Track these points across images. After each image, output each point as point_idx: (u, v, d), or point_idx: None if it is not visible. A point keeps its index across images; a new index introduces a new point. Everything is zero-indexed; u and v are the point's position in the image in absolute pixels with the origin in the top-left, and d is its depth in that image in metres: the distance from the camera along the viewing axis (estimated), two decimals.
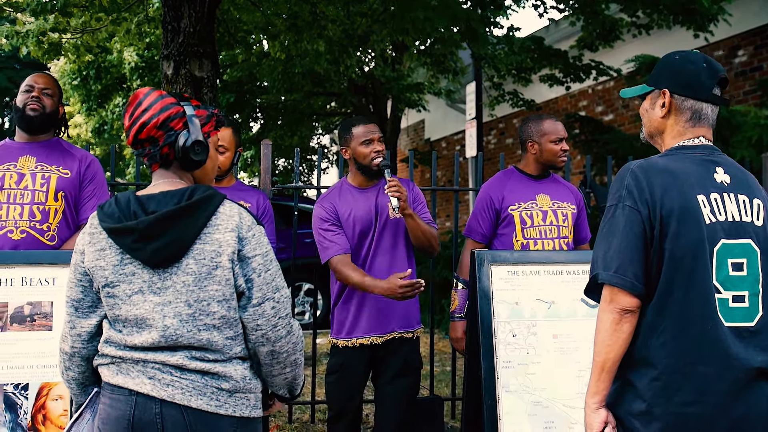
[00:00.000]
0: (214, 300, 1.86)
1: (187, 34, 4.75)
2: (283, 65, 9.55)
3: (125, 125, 1.94)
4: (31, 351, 2.71)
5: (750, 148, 5.93)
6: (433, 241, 3.19)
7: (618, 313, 1.85)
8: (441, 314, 8.61)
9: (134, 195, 1.91)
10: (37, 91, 3.12)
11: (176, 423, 1.82)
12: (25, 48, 7.37)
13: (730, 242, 1.86)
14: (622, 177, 1.93)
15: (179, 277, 1.85)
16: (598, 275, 1.89)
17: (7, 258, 2.79)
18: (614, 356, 1.86)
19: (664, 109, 2.03)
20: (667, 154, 2.00)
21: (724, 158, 2.00)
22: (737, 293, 1.85)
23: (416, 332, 3.27)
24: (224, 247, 1.85)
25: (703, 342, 1.81)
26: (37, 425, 2.66)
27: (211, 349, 1.87)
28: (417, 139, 15.91)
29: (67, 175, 3.12)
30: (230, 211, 1.89)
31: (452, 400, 4.83)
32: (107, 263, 1.87)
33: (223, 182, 3.29)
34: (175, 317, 1.84)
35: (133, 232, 1.83)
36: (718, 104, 2.02)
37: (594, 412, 1.90)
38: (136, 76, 11.14)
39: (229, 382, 1.87)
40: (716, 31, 7.17)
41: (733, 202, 1.91)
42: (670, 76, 2.04)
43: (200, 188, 1.90)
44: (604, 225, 1.93)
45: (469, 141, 9.55)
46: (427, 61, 9.01)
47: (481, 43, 7.17)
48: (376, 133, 3.20)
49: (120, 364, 1.88)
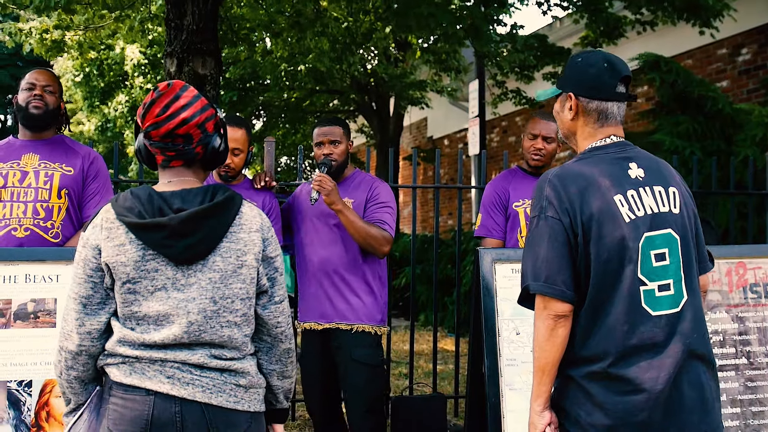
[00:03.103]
0: (238, 297, 1.90)
1: (190, 31, 4.76)
2: (286, 63, 9.55)
3: (153, 115, 1.88)
4: (35, 348, 2.71)
5: (754, 146, 5.92)
6: (370, 240, 3.17)
7: (552, 319, 1.92)
8: (444, 312, 8.61)
9: (155, 190, 1.91)
10: (39, 88, 3.11)
11: (196, 421, 1.83)
12: (28, 45, 7.37)
13: (651, 234, 1.93)
14: (541, 188, 2.01)
15: (205, 274, 1.87)
16: (529, 286, 1.96)
17: (10, 255, 2.79)
18: (552, 359, 1.94)
19: (572, 112, 2.09)
20: (582, 157, 2.06)
21: (636, 152, 2.06)
22: (662, 282, 1.93)
23: (365, 327, 3.23)
24: (250, 247, 1.92)
25: (634, 335, 1.89)
26: (41, 422, 2.67)
27: (229, 347, 1.90)
28: (419, 137, 15.90)
29: (71, 172, 3.12)
30: (252, 212, 1.97)
31: (455, 397, 4.83)
32: (128, 259, 1.84)
33: (233, 182, 3.32)
34: (200, 313, 1.86)
35: (164, 228, 1.83)
36: (624, 101, 2.08)
37: (538, 414, 1.98)
38: (139, 74, 11.15)
39: (246, 378, 1.92)
40: (720, 29, 7.15)
41: (650, 195, 1.97)
42: (574, 79, 2.09)
43: (221, 188, 1.94)
44: (530, 236, 2.00)
45: (471, 139, 9.54)
46: (430, 59, 9.00)
47: (484, 40, 7.16)
48: (327, 136, 3.29)
49: (133, 364, 1.86)
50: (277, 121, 12.43)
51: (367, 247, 3.20)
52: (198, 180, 1.98)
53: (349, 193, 3.30)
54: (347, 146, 3.35)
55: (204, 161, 1.98)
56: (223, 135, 2.01)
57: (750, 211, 4.94)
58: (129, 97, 12.05)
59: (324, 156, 3.28)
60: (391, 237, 3.24)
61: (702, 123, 6.31)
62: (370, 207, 3.28)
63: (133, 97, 11.82)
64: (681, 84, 6.42)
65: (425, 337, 7.97)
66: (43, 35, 7.27)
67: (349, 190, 3.32)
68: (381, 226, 3.22)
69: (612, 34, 8.06)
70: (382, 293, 3.32)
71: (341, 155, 3.30)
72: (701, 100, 6.37)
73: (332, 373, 3.30)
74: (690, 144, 6.04)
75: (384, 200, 3.30)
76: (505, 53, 8.80)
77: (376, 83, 11.06)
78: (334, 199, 3.11)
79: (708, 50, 8.56)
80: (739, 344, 3.13)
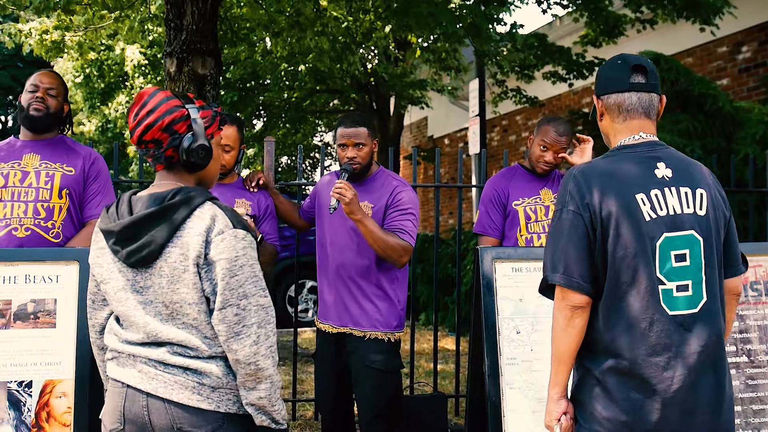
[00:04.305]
0: (185, 302, 1.87)
1: (190, 31, 4.75)
2: (286, 62, 9.54)
3: (129, 124, 1.97)
4: (35, 348, 2.71)
5: (754, 144, 5.91)
6: (389, 251, 3.07)
7: (569, 310, 1.98)
8: (444, 311, 8.61)
9: (130, 196, 1.96)
10: (41, 91, 3.12)
11: (161, 416, 1.86)
12: (28, 46, 7.37)
13: (672, 235, 1.96)
14: (566, 182, 2.05)
15: (155, 278, 1.89)
16: (548, 277, 2.02)
17: (10, 255, 2.79)
18: (568, 349, 2.00)
19: (600, 114, 2.15)
20: (609, 155, 2.09)
21: (667, 152, 2.07)
22: (681, 283, 1.95)
23: (377, 334, 3.17)
24: (190, 251, 1.84)
25: (651, 332, 1.92)
26: (41, 423, 2.67)
27: (189, 347, 1.89)
28: (420, 137, 15.90)
29: (72, 172, 3.12)
30: (204, 214, 1.86)
31: (456, 397, 4.83)
32: (103, 261, 1.97)
33: (226, 180, 3.29)
34: (156, 316, 1.90)
35: (112, 234, 1.90)
36: (642, 90, 2.07)
37: (555, 402, 2.05)
38: (139, 74, 11.15)
39: (210, 378, 1.88)
40: (720, 26, 7.14)
41: (675, 195, 1.99)
42: (597, 84, 2.17)
43: (184, 190, 1.89)
44: (551, 229, 2.05)
45: (472, 138, 9.53)
46: (430, 58, 8.99)
47: (484, 39, 7.15)
48: (351, 138, 3.16)
49: (119, 358, 1.96)
50: (277, 120, 12.41)
51: (386, 257, 3.10)
52: (182, 183, 1.95)
53: (370, 195, 3.20)
54: (372, 147, 3.22)
55: (184, 163, 1.94)
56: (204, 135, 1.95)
57: (750, 209, 4.94)
58: (129, 98, 12.07)
59: (347, 160, 3.16)
60: (410, 247, 3.12)
61: (702, 121, 6.30)
62: (391, 213, 3.17)
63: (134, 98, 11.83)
64: (681, 82, 6.41)
65: (426, 337, 7.97)
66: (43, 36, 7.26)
67: (370, 191, 3.21)
68: (401, 236, 3.11)
69: (612, 33, 8.06)
70: (400, 298, 3.22)
71: (365, 158, 3.19)
72: (701, 98, 6.36)
73: (346, 375, 3.26)
74: (690, 142, 6.03)
75: (406, 207, 3.17)
76: (505, 52, 8.78)
77: (376, 83, 11.05)
78: (354, 209, 2.99)
79: (708, 48, 8.55)
80: (740, 342, 3.12)
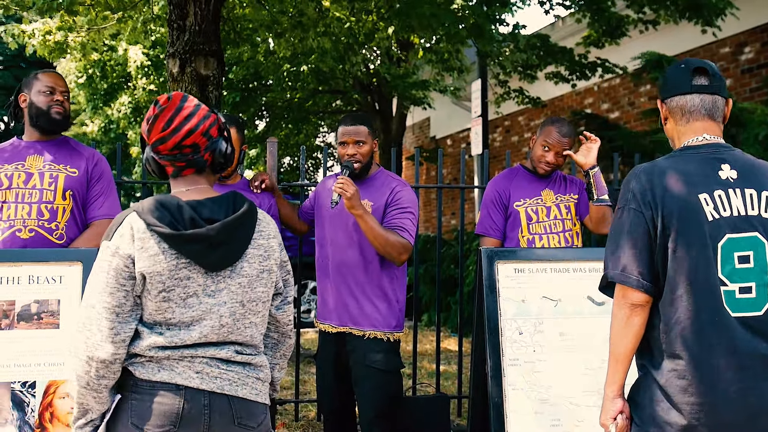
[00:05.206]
0: (260, 300, 2.03)
1: (193, 32, 4.76)
2: (289, 63, 9.54)
3: (158, 129, 1.96)
4: (38, 349, 2.72)
5: (757, 144, 5.91)
6: (388, 248, 3.10)
7: (629, 308, 1.97)
8: (447, 312, 8.61)
9: (182, 200, 1.96)
10: (59, 94, 3.14)
11: (223, 413, 1.93)
12: (31, 47, 7.38)
13: (735, 236, 1.95)
14: (628, 181, 2.06)
15: (234, 279, 1.97)
16: (608, 274, 2.02)
17: (14, 256, 2.79)
18: (627, 348, 1.98)
19: (664, 118, 2.17)
20: (673, 155, 2.10)
21: (733, 154, 2.06)
22: (744, 285, 1.93)
23: (377, 334, 3.19)
24: (270, 253, 2.05)
25: (712, 333, 1.90)
26: (45, 423, 2.67)
27: (250, 344, 2.03)
28: (422, 137, 15.90)
29: (75, 173, 3.12)
30: (267, 219, 2.10)
31: (458, 398, 4.83)
32: (163, 268, 1.89)
33: (228, 181, 3.30)
34: (231, 316, 1.97)
35: (203, 239, 1.90)
36: (707, 92, 2.09)
37: (611, 400, 2.03)
38: (142, 75, 11.16)
39: (263, 372, 2.05)
40: (723, 27, 7.14)
41: (739, 197, 1.98)
42: (661, 88, 2.20)
43: (238, 196, 2.04)
44: (613, 226, 2.05)
45: (474, 139, 9.53)
46: (433, 59, 8.99)
47: (486, 40, 7.15)
48: (352, 136, 3.22)
49: (161, 361, 1.91)
50: (279, 121, 12.42)
51: (385, 254, 3.13)
52: (210, 185, 2.06)
53: (370, 194, 3.24)
54: (372, 146, 3.28)
55: (213, 166, 2.06)
56: (228, 138, 2.08)
57: None
58: (132, 99, 12.06)
59: (348, 157, 3.22)
60: (410, 245, 3.16)
61: None
62: (390, 212, 3.20)
63: (136, 99, 11.83)
64: None
65: (428, 337, 7.97)
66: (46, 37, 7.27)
67: (370, 190, 3.25)
68: (400, 233, 3.14)
69: (614, 34, 8.05)
70: (399, 298, 3.26)
71: (365, 156, 3.24)
72: None
73: (347, 375, 3.27)
74: None
75: (405, 205, 3.21)
76: (507, 53, 8.78)
77: (378, 83, 11.05)
78: (355, 204, 3.04)
79: (711, 49, 8.54)
80: None
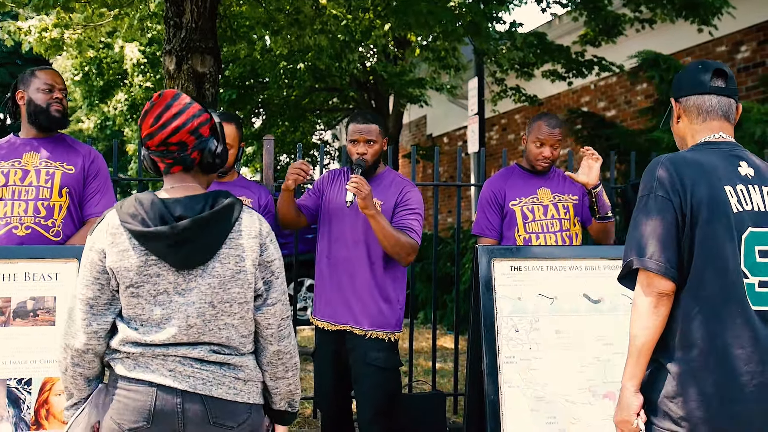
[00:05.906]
0: (235, 302, 1.97)
1: (189, 29, 4.75)
2: (286, 61, 9.52)
3: (147, 126, 1.96)
4: (34, 346, 2.71)
5: (753, 143, 5.92)
6: (398, 248, 3.10)
7: (655, 297, 1.93)
8: (443, 310, 8.62)
9: (157, 197, 1.96)
10: (58, 91, 3.14)
11: (197, 412, 1.92)
12: (27, 44, 7.37)
13: (757, 230, 1.96)
14: (652, 169, 2.04)
15: (204, 279, 1.94)
16: (633, 261, 1.97)
17: (9, 253, 2.79)
18: (651, 339, 1.94)
19: (678, 117, 2.18)
20: (694, 149, 2.10)
21: (747, 154, 2.10)
22: (764, 278, 1.94)
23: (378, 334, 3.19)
24: (248, 253, 1.98)
25: (734, 325, 1.90)
26: (41, 420, 2.67)
27: (227, 346, 1.98)
28: (419, 135, 15.90)
29: (72, 171, 3.12)
30: (252, 218, 2.03)
31: (455, 395, 4.83)
32: (131, 264, 1.92)
33: (226, 177, 3.29)
34: (199, 317, 1.93)
35: (166, 237, 1.89)
36: (724, 94, 2.11)
37: (633, 395, 1.98)
38: (138, 72, 11.14)
39: (244, 372, 1.99)
40: (719, 26, 7.15)
41: (758, 193, 2.01)
42: (675, 87, 2.20)
43: (221, 194, 2.00)
44: (636, 214, 2.01)
45: (471, 137, 9.53)
46: (429, 57, 8.99)
47: (483, 38, 7.16)
48: (363, 134, 3.22)
49: (137, 359, 1.94)
50: (276, 119, 12.40)
51: (394, 254, 3.13)
52: (199, 184, 2.04)
53: (378, 193, 3.23)
54: (382, 145, 3.28)
55: (203, 165, 2.02)
56: (221, 138, 2.06)
57: None
58: (128, 96, 12.04)
59: (358, 155, 3.21)
60: (417, 245, 3.16)
61: None
62: (399, 212, 3.21)
63: (133, 96, 11.81)
64: None
65: (425, 335, 7.98)
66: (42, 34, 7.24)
67: (379, 189, 3.24)
68: (409, 234, 3.15)
69: (611, 32, 8.07)
70: (400, 298, 3.25)
71: (374, 155, 3.24)
72: None
73: (345, 373, 3.27)
74: None
75: (413, 207, 3.23)
76: (504, 51, 8.79)
77: (375, 81, 11.05)
78: (369, 204, 3.02)
79: (707, 47, 8.56)
80: None
